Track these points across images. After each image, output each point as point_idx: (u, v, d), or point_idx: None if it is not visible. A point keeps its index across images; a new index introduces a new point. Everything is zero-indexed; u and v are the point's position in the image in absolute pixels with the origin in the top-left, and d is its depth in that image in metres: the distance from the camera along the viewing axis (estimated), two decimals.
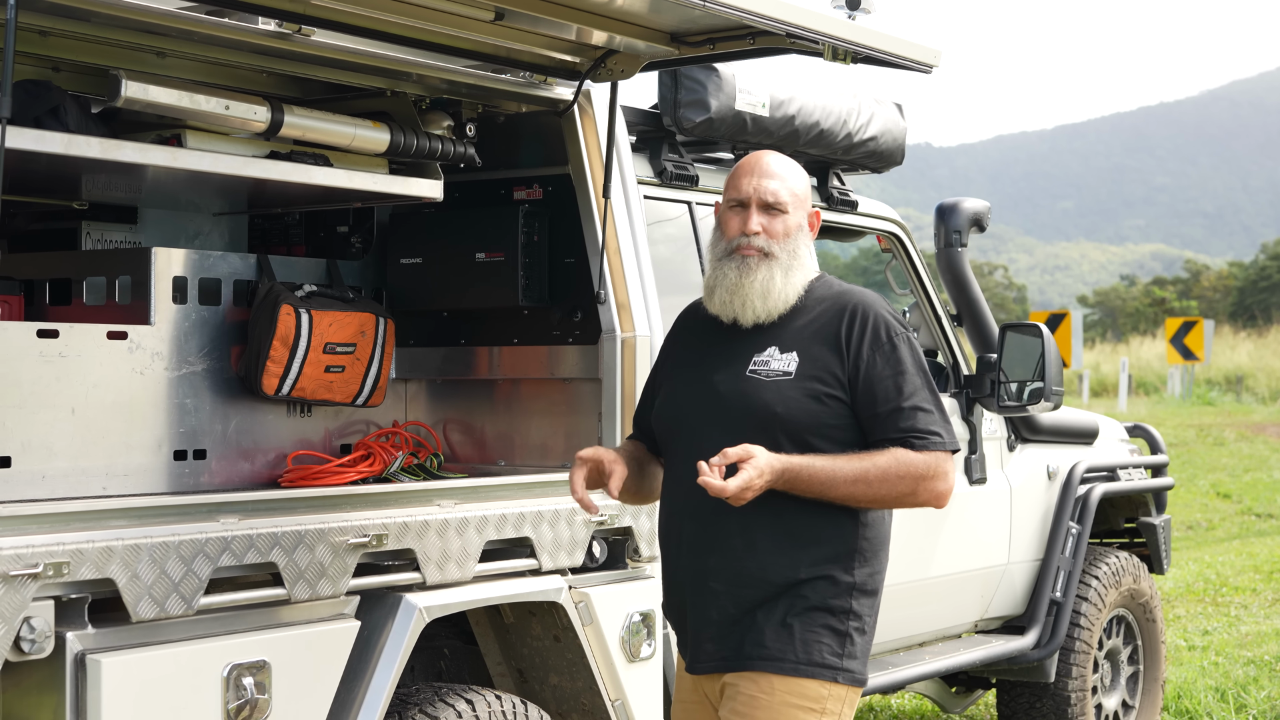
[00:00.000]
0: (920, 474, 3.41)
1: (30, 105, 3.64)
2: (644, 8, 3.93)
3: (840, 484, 3.39)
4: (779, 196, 3.56)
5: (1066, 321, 25.01)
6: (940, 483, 3.44)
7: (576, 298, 4.57)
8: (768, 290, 3.52)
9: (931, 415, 3.46)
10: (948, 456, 3.45)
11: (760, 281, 3.51)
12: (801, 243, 3.58)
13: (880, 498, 3.42)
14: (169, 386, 4.19)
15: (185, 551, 3.28)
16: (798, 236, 3.57)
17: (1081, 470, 6.90)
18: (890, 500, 3.43)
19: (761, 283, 3.51)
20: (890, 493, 3.41)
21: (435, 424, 4.85)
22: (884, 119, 6.04)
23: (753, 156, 3.64)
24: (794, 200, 3.58)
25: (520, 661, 4.31)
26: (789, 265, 3.54)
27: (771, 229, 3.54)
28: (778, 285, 3.52)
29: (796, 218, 3.58)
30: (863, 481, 3.39)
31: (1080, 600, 6.75)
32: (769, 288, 3.52)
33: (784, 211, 3.56)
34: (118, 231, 4.57)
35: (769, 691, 3.44)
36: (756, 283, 3.51)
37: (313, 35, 3.97)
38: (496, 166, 4.69)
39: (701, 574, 3.52)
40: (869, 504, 3.44)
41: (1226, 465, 20.14)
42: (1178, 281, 61.60)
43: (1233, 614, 10.97)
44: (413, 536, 3.75)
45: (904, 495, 3.42)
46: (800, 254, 3.57)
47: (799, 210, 3.59)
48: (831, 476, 3.38)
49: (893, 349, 3.48)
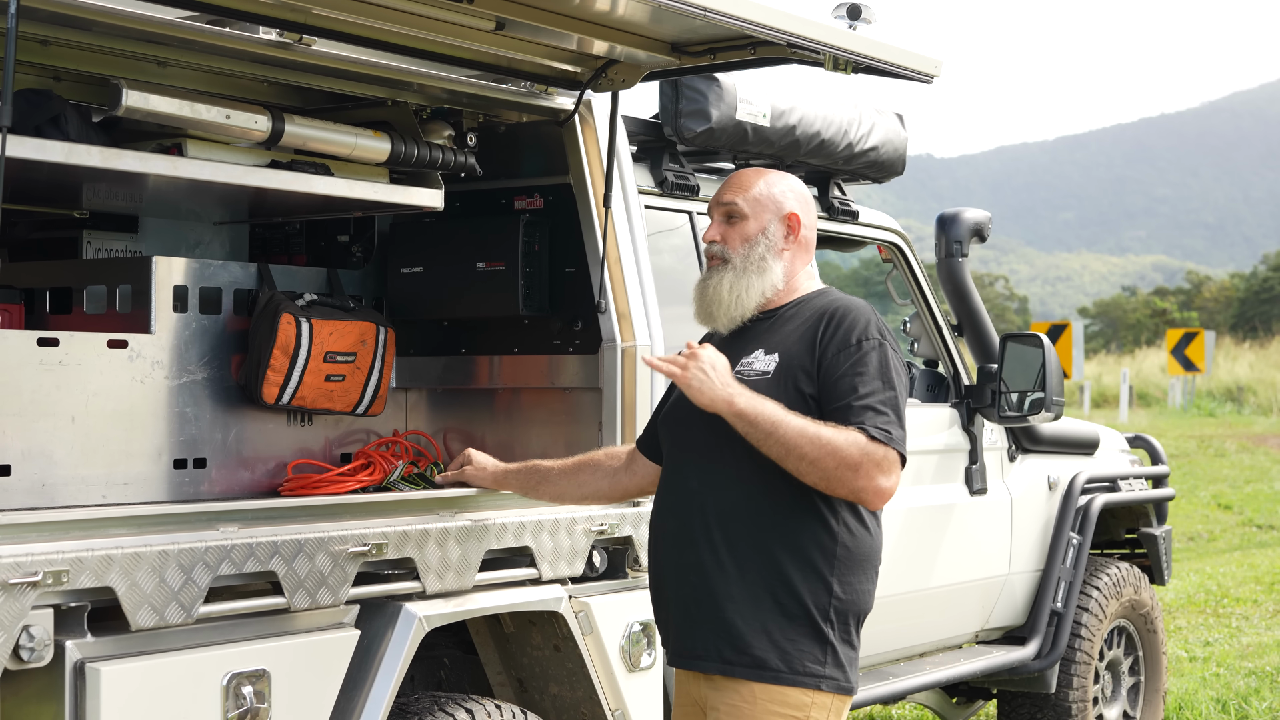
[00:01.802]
0: (868, 455, 3.36)
1: (31, 114, 3.64)
2: (645, 18, 3.94)
3: (786, 429, 3.36)
4: (735, 205, 3.67)
5: (1067, 333, 25.04)
6: (884, 477, 3.39)
7: (577, 307, 4.57)
8: (719, 295, 3.64)
9: (886, 416, 3.42)
10: (898, 457, 3.41)
11: (713, 287, 3.66)
12: (762, 247, 3.65)
13: (820, 463, 3.36)
14: (169, 395, 4.18)
15: (185, 560, 3.27)
16: (759, 241, 3.65)
17: (1082, 481, 6.90)
18: (831, 470, 3.36)
19: (715, 288, 3.65)
20: (833, 462, 3.35)
21: (435, 433, 4.85)
22: (885, 129, 6.05)
23: (733, 172, 3.76)
24: (753, 206, 3.66)
25: (520, 671, 4.30)
26: (743, 269, 3.64)
27: (728, 235, 3.67)
28: (727, 288, 3.63)
29: (758, 223, 3.66)
30: (809, 439, 3.35)
31: (1081, 611, 6.74)
32: (720, 292, 3.64)
33: (742, 217, 3.66)
34: (118, 240, 4.57)
35: (751, 700, 3.45)
36: (710, 289, 3.66)
37: (314, 45, 3.97)
38: (497, 176, 4.69)
39: (682, 568, 3.57)
40: (807, 467, 3.37)
41: (1228, 476, 20.13)
42: (1179, 293, 61.57)
43: (1234, 625, 10.96)
44: (413, 545, 3.75)
45: (846, 470, 3.35)
46: (759, 258, 3.65)
47: (761, 215, 3.66)
48: (779, 417, 3.38)
49: (859, 350, 3.49)
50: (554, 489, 4.02)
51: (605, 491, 3.99)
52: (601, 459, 4.01)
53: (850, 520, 3.51)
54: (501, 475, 4.10)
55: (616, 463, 3.98)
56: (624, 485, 3.96)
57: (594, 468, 4.00)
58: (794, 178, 3.77)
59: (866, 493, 3.40)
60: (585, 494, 4.00)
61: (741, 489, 3.51)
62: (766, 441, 3.39)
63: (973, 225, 6.65)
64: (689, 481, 3.60)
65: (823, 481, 3.40)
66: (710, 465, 3.56)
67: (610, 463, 3.99)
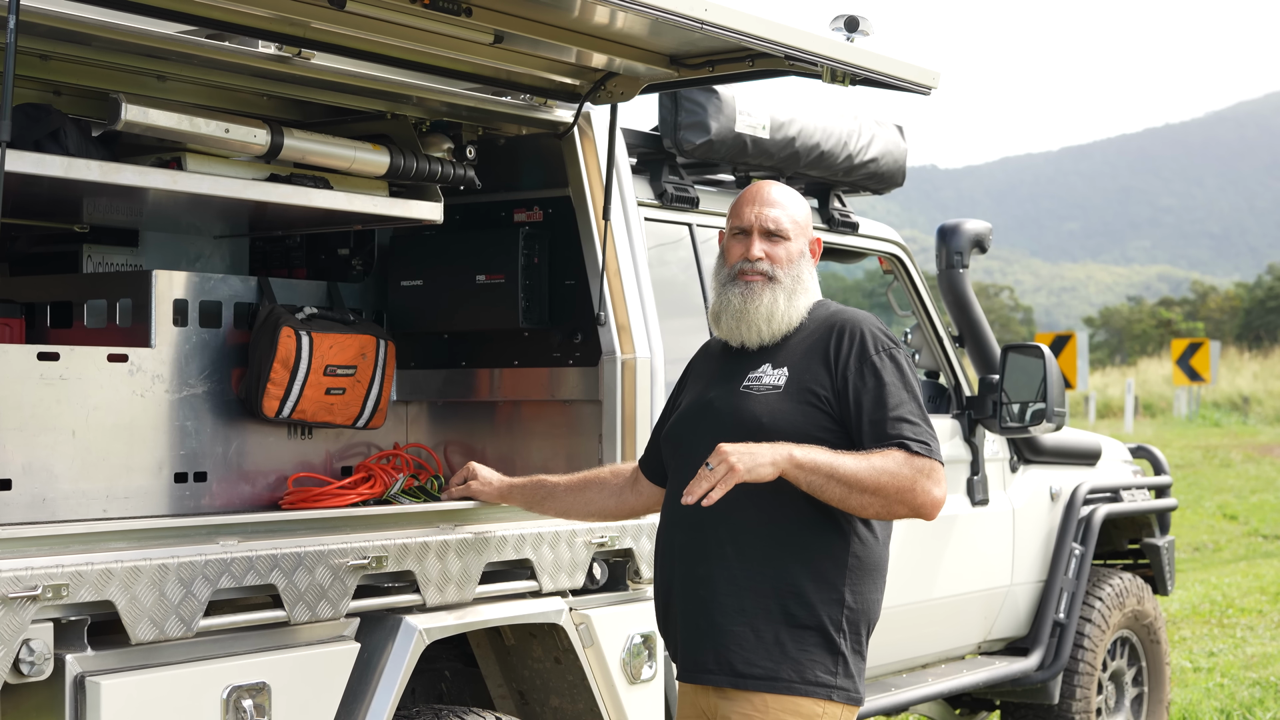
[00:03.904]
0: (919, 471, 3.42)
1: (31, 129, 3.65)
2: (643, 30, 3.95)
3: (843, 470, 3.37)
4: (780, 223, 3.66)
5: (1072, 343, 24.99)
6: (935, 486, 3.44)
7: (577, 320, 4.57)
8: (772, 314, 3.62)
9: (919, 427, 3.48)
10: (941, 466, 3.47)
11: (765, 305, 3.62)
12: (804, 268, 3.69)
13: (882, 490, 3.39)
14: (170, 409, 4.19)
15: (185, 574, 3.28)
16: (800, 262, 3.68)
17: (1084, 491, 6.90)
18: (890, 495, 3.39)
19: (766, 307, 3.62)
20: (890, 485, 3.39)
21: (436, 446, 4.85)
22: (885, 140, 6.05)
23: (755, 186, 3.75)
24: (795, 227, 3.68)
25: (521, 683, 4.30)
26: (792, 289, 3.64)
27: (774, 254, 3.65)
28: (781, 308, 3.62)
29: (799, 244, 3.69)
30: (866, 469, 3.38)
31: (1084, 622, 6.74)
32: (773, 311, 3.62)
33: (786, 238, 3.67)
34: (119, 254, 4.58)
35: (763, 710, 3.45)
36: (762, 307, 3.62)
37: (313, 59, 3.98)
38: (497, 189, 4.70)
39: (692, 582, 3.57)
40: (869, 499, 3.40)
41: (1233, 487, 20.11)
42: (1184, 303, 61.50)
43: (1239, 635, 10.94)
44: (413, 558, 3.75)
45: (903, 491, 3.39)
46: (803, 279, 3.68)
47: (801, 237, 3.69)
48: (835, 460, 3.38)
49: (879, 363, 3.52)
50: (559, 505, 4.02)
51: (611, 509, 3.99)
52: (608, 477, 4.01)
53: (861, 529, 3.53)
54: (507, 490, 4.11)
55: (622, 480, 3.98)
56: (630, 504, 3.97)
57: (600, 485, 4.00)
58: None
59: (926, 508, 3.44)
60: (591, 511, 4.01)
61: (753, 502, 3.49)
62: (827, 486, 3.39)
63: (973, 236, 6.66)
64: None
65: (885, 509, 3.43)
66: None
67: (616, 480, 3.99)
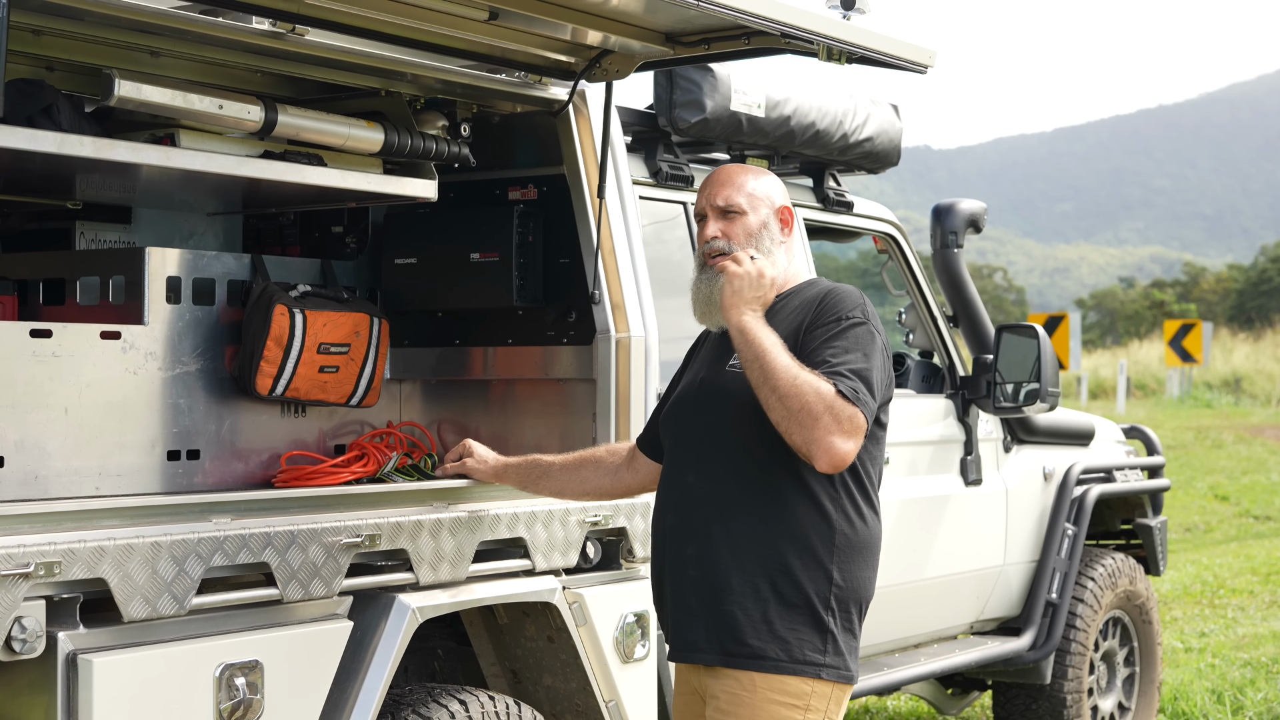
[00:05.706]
0: (830, 408, 3.30)
1: (23, 104, 3.63)
2: (639, 7, 3.93)
3: (770, 360, 3.35)
4: (731, 199, 3.63)
5: (1065, 324, 25.03)
6: (841, 437, 3.30)
7: (571, 298, 4.56)
8: None
9: (855, 382, 3.36)
10: (863, 422, 3.34)
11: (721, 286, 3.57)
12: (766, 240, 3.63)
13: (788, 400, 3.30)
14: (163, 386, 4.18)
15: (178, 551, 3.27)
16: (761, 235, 3.63)
17: (1078, 471, 6.90)
18: (794, 411, 3.30)
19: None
20: (797, 403, 3.30)
21: (430, 424, 4.85)
22: (880, 120, 6.05)
23: (713, 171, 3.74)
24: (750, 200, 3.64)
25: (514, 662, 4.30)
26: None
27: (730, 232, 3.62)
28: None
29: (758, 217, 3.64)
30: (786, 371, 3.32)
31: (1076, 602, 6.75)
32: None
33: (740, 212, 3.63)
34: (112, 231, 4.56)
35: (751, 689, 3.45)
36: (718, 288, 3.56)
37: (307, 35, 3.96)
38: (491, 166, 4.68)
39: (681, 562, 3.57)
40: (775, 403, 3.33)
41: (1224, 468, 20.15)
42: (1176, 284, 61.58)
43: (1230, 616, 10.97)
44: (406, 537, 3.75)
45: (806, 415, 3.29)
46: (773, 251, 3.63)
47: (760, 209, 3.64)
48: (771, 349, 3.36)
49: (839, 325, 3.47)
50: (555, 484, 4.02)
51: (607, 488, 3.98)
52: (603, 455, 4.00)
53: (849, 509, 3.51)
54: (502, 468, 4.10)
55: (618, 459, 3.98)
56: (625, 482, 3.96)
57: (595, 464, 3.99)
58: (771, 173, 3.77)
59: (819, 446, 3.30)
60: (586, 490, 4.00)
61: (740, 482, 3.51)
62: (751, 365, 3.38)
63: (968, 216, 6.65)
64: (688, 476, 3.60)
65: (783, 422, 3.33)
66: (709, 460, 3.56)
67: (612, 459, 3.98)
